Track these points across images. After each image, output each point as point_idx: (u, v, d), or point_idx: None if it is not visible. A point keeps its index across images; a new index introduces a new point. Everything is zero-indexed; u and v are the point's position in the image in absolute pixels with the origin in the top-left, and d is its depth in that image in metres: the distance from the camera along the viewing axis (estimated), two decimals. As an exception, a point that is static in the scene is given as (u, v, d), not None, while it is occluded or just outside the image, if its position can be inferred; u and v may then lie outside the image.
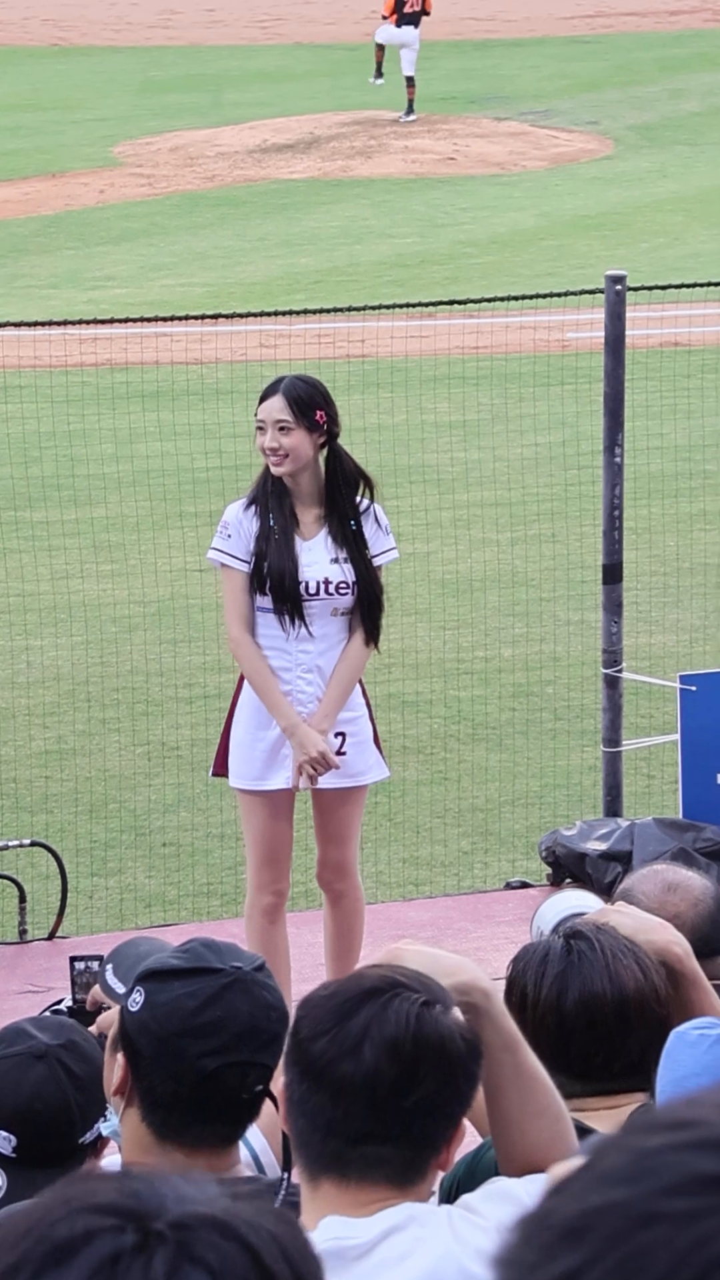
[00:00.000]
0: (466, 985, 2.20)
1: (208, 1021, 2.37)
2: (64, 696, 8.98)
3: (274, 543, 5.61)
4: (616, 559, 7.22)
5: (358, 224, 20.87)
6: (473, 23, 34.00)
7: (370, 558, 5.68)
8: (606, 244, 19.17)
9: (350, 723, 5.74)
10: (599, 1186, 0.83)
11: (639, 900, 3.10)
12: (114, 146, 25.33)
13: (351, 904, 5.89)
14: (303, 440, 5.61)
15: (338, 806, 5.78)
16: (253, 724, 5.74)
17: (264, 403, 5.66)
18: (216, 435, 10.80)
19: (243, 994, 2.39)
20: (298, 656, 5.67)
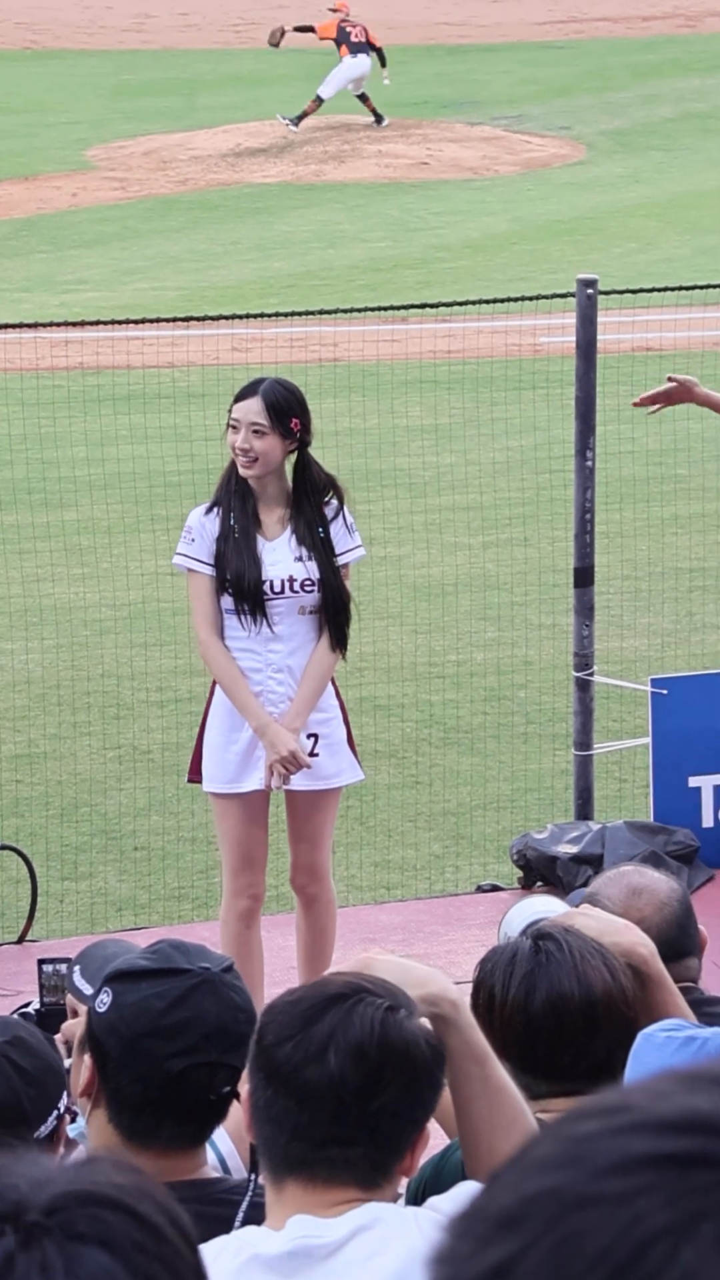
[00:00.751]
0: (435, 996, 2.21)
1: (175, 1022, 2.37)
2: (35, 700, 8.96)
3: (233, 543, 5.61)
4: (588, 562, 7.23)
5: (331, 228, 20.88)
6: (446, 28, 34.06)
7: (335, 561, 5.67)
8: (579, 249, 19.21)
9: (323, 724, 5.73)
10: (532, 1174, 0.83)
11: (604, 905, 3.11)
12: (87, 150, 25.30)
13: (324, 907, 5.89)
14: (275, 445, 5.61)
15: (310, 809, 5.78)
16: (225, 727, 5.73)
17: (240, 402, 5.64)
18: (189, 439, 10.79)
19: (211, 995, 2.39)
20: (267, 657, 5.67)
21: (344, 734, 5.79)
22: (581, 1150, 0.83)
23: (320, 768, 5.72)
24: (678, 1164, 0.81)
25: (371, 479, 10.80)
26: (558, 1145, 0.84)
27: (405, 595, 9.98)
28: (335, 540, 5.68)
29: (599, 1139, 0.83)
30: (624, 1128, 0.83)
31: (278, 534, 5.67)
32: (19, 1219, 1.05)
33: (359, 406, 11.85)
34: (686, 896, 3.23)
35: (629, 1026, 2.78)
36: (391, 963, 2.24)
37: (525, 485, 11.36)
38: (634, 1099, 0.84)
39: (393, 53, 28.33)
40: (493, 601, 9.97)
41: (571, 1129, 0.84)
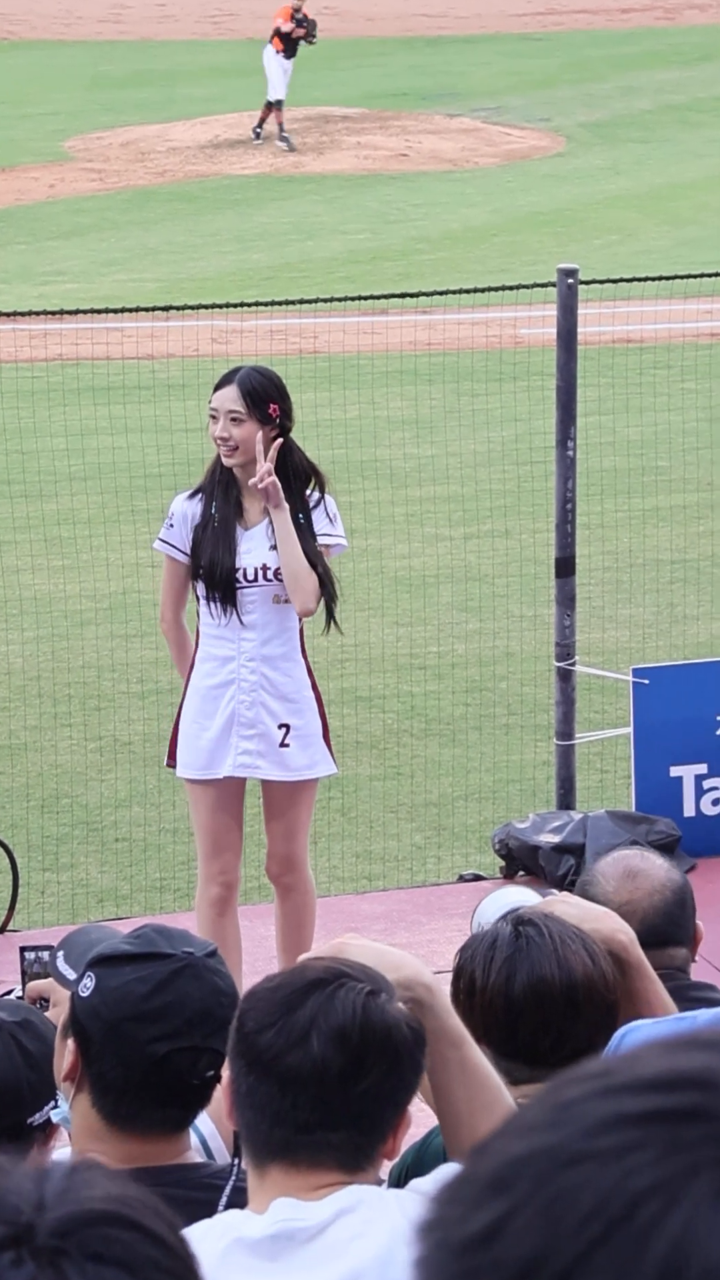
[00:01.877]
0: (410, 980, 2.21)
1: (158, 1006, 2.37)
2: (15, 691, 8.94)
3: (211, 530, 5.63)
4: (569, 552, 7.24)
5: (310, 220, 20.86)
6: (424, 19, 34.03)
7: (315, 544, 5.66)
8: (559, 240, 19.22)
9: (295, 715, 5.73)
10: (520, 1137, 0.83)
11: (599, 882, 3.11)
12: (65, 141, 25.24)
13: (301, 898, 5.89)
14: (253, 432, 5.61)
15: (285, 800, 5.78)
16: (199, 714, 5.74)
17: (218, 391, 5.65)
18: (169, 430, 10.78)
19: (194, 979, 2.39)
20: (240, 645, 5.68)
21: (319, 726, 5.78)
22: (569, 1113, 0.83)
23: (293, 759, 5.72)
24: (667, 1119, 0.81)
25: (352, 470, 10.80)
26: (544, 1110, 0.83)
27: (386, 587, 9.98)
28: (315, 525, 5.68)
29: (586, 1101, 0.83)
30: (611, 1089, 0.83)
31: (257, 522, 5.68)
32: (32, 1243, 1.04)
33: (339, 398, 11.84)
34: (685, 888, 3.21)
35: (610, 1011, 2.78)
36: (366, 947, 2.24)
37: (506, 477, 11.37)
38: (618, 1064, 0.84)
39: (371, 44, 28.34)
40: (474, 593, 9.98)
41: (557, 1094, 0.84)
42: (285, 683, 5.71)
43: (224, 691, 5.69)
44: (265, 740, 5.70)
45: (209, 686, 5.72)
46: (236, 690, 5.67)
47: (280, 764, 5.72)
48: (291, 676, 5.72)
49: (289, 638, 5.72)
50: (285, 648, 5.71)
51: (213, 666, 5.71)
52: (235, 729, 5.69)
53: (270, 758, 5.71)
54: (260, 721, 5.69)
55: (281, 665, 5.70)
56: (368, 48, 27.98)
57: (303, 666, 5.76)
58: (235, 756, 5.69)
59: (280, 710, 5.70)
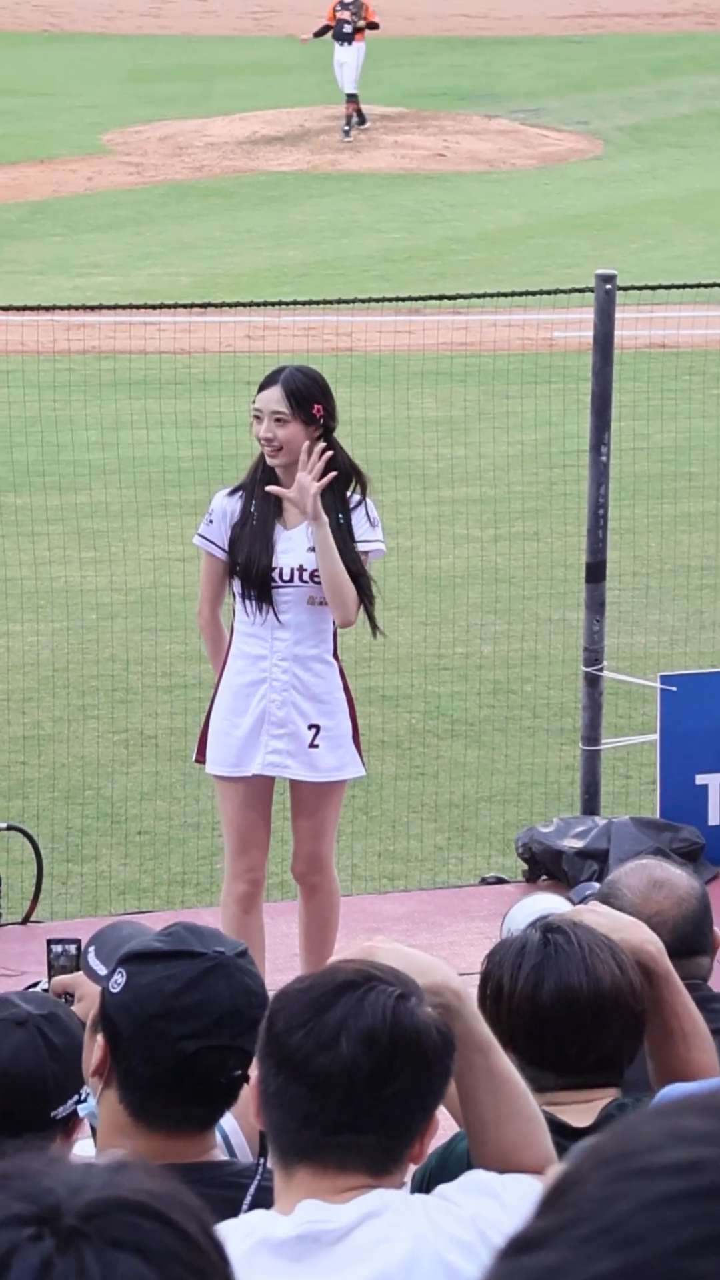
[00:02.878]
0: (439, 985, 2.22)
1: (188, 1004, 2.38)
2: (42, 682, 8.96)
3: (249, 529, 5.63)
4: (600, 558, 7.23)
5: (346, 218, 20.86)
6: (464, 19, 34.00)
7: (355, 547, 5.67)
8: (595, 244, 19.19)
9: (326, 716, 5.73)
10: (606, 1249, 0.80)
11: (624, 894, 3.11)
12: (103, 134, 25.28)
13: (326, 897, 5.90)
14: (298, 433, 5.61)
15: (313, 801, 5.79)
16: (230, 710, 5.74)
17: (262, 392, 5.65)
18: (201, 425, 10.79)
19: (224, 978, 2.40)
20: (274, 644, 5.68)
21: (349, 728, 5.79)
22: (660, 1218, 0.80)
23: (322, 760, 5.73)
24: None
25: (383, 470, 10.79)
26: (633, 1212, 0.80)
27: (414, 586, 9.98)
28: (356, 528, 5.68)
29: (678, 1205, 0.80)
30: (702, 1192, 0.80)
31: (297, 523, 5.68)
32: (56, 1223, 1.05)
33: (371, 397, 11.84)
34: (705, 895, 3.22)
35: (637, 1020, 2.78)
36: (395, 951, 2.24)
37: (536, 480, 11.35)
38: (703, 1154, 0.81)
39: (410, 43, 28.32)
40: (501, 595, 9.97)
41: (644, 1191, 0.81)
42: (317, 683, 5.71)
43: (256, 690, 5.70)
44: (295, 740, 5.70)
45: (241, 684, 5.73)
46: (268, 689, 5.68)
47: (309, 764, 5.72)
48: (323, 678, 5.72)
49: (322, 639, 5.73)
50: (318, 649, 5.71)
51: (245, 664, 5.72)
52: (266, 727, 5.70)
53: (299, 758, 5.71)
54: (290, 721, 5.70)
55: (314, 666, 5.71)
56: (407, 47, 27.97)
57: (335, 668, 5.76)
58: (264, 755, 5.70)
59: (311, 710, 5.70)
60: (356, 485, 5.73)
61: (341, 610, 5.62)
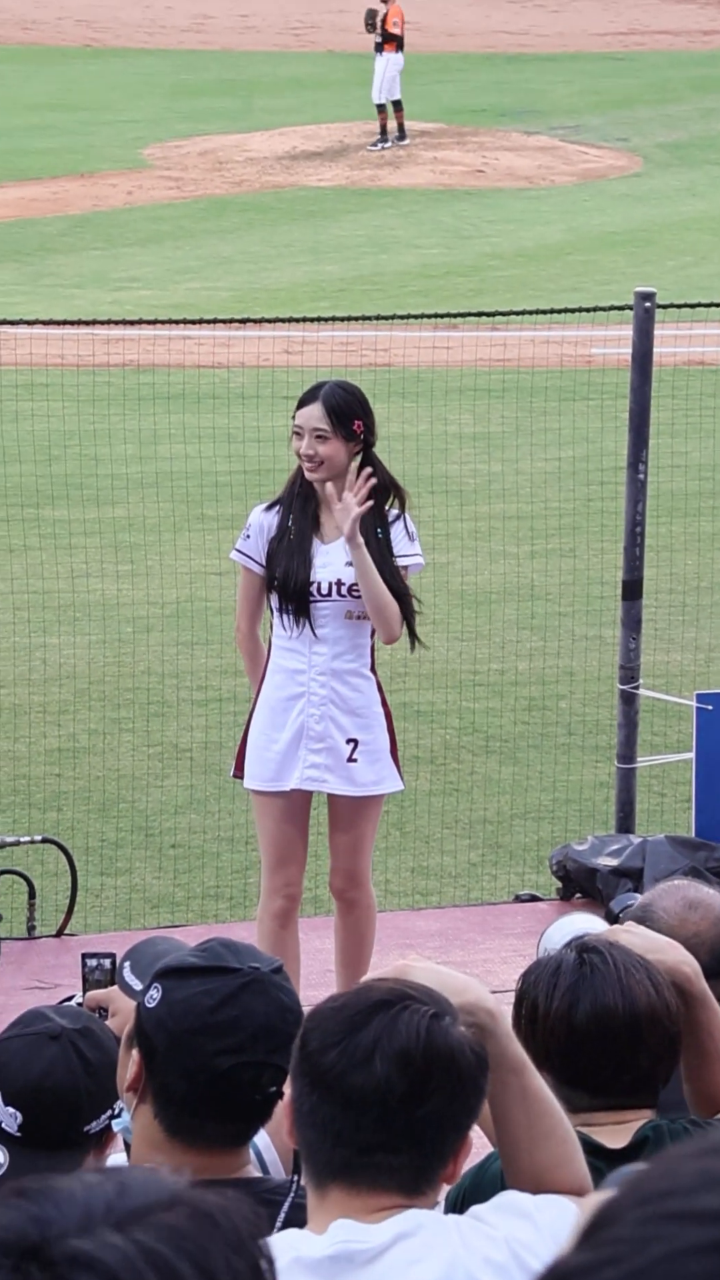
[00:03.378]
0: (472, 1005, 2.21)
1: (223, 1020, 2.38)
2: (77, 695, 8.99)
3: (287, 543, 5.64)
4: (637, 575, 7.21)
5: (384, 233, 20.89)
6: (506, 36, 34.03)
7: (394, 562, 5.68)
8: (633, 261, 19.17)
9: (364, 730, 5.73)
10: None
11: (659, 916, 3.10)
12: (143, 149, 25.39)
13: (363, 913, 5.89)
14: (338, 449, 5.62)
15: (350, 816, 5.78)
16: (268, 725, 5.75)
17: (302, 409, 5.65)
18: (239, 439, 10.81)
19: (259, 994, 2.40)
20: (311, 659, 5.68)
21: (387, 743, 5.78)
22: None
23: (360, 774, 5.72)
24: None
25: (419, 485, 10.79)
26: None
27: (449, 602, 9.98)
28: (395, 543, 5.69)
29: None
30: None
31: (335, 537, 5.68)
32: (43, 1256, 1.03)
33: (409, 412, 11.85)
34: None
35: (672, 1042, 2.77)
36: (429, 969, 2.23)
37: (573, 496, 11.34)
38: None
39: (452, 60, 28.36)
40: (537, 611, 9.96)
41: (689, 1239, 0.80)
42: (355, 698, 5.71)
43: (294, 704, 5.70)
44: (333, 754, 5.70)
45: (279, 698, 5.73)
46: (306, 703, 5.68)
47: (347, 779, 5.72)
48: (361, 692, 5.72)
49: (360, 653, 5.73)
50: (356, 663, 5.72)
51: (283, 679, 5.73)
52: (304, 742, 5.70)
53: (338, 772, 5.71)
54: (329, 735, 5.70)
55: (351, 680, 5.71)
56: (448, 63, 28.03)
57: (373, 682, 5.76)
58: (303, 770, 5.70)
59: (348, 725, 5.70)
60: (395, 500, 5.73)
61: (385, 628, 5.63)
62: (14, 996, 6.05)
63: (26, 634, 9.45)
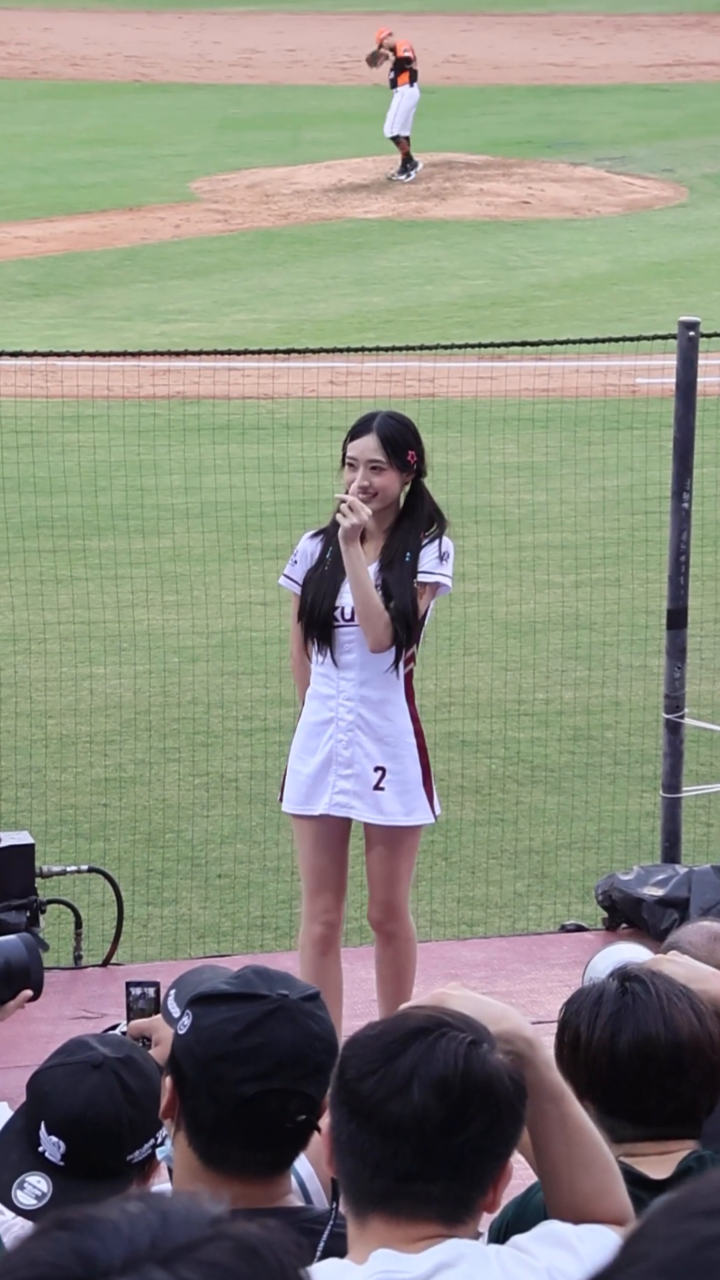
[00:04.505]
0: (510, 1033, 2.21)
1: (248, 1047, 2.37)
2: (124, 725, 9.02)
3: (321, 571, 5.66)
4: (681, 604, 7.20)
5: (430, 265, 20.95)
6: (552, 68, 34.12)
7: (413, 584, 5.63)
8: (678, 291, 19.16)
9: (393, 759, 5.71)
10: None
11: (686, 950, 3.09)
12: (191, 182, 25.55)
13: (402, 944, 5.87)
14: (393, 480, 5.64)
15: (382, 845, 5.76)
16: (302, 749, 5.77)
17: (356, 440, 5.64)
18: (284, 470, 10.85)
19: (287, 1022, 2.39)
20: (340, 684, 5.70)
21: (418, 773, 5.74)
22: None
23: (387, 804, 5.71)
24: None
25: (465, 515, 10.81)
26: None
27: (495, 632, 9.97)
28: (423, 559, 5.68)
29: None
30: None
31: (369, 562, 5.70)
32: None
33: (454, 442, 11.87)
34: None
35: (715, 1072, 2.76)
36: (467, 998, 2.23)
37: (618, 525, 11.33)
38: None
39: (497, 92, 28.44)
40: (582, 641, 9.94)
41: None
42: (383, 725, 5.70)
43: (325, 729, 5.72)
44: (360, 781, 5.70)
45: (313, 723, 5.75)
46: (335, 729, 5.69)
47: (375, 807, 5.72)
48: (391, 720, 5.71)
49: (389, 681, 5.71)
50: (385, 691, 5.70)
51: (317, 704, 5.75)
52: (334, 767, 5.71)
53: (365, 799, 5.71)
54: (357, 761, 5.70)
55: (380, 708, 5.70)
56: (494, 96, 28.11)
57: (405, 711, 5.74)
58: (331, 795, 5.71)
59: (376, 752, 5.70)
60: (435, 527, 5.74)
61: (372, 635, 5.60)
62: (60, 1026, 6.06)
63: (74, 664, 9.49)
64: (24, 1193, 2.71)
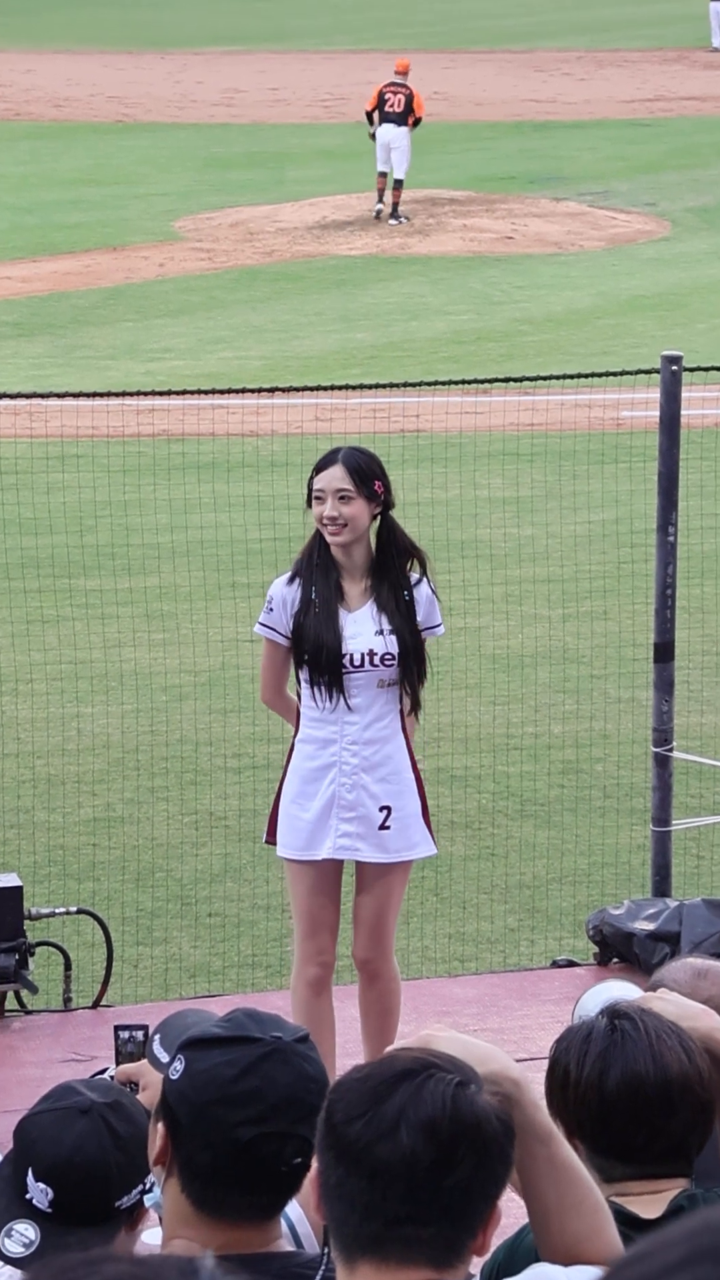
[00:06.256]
0: (497, 1074, 2.19)
1: (245, 1090, 2.36)
2: (113, 764, 9.00)
3: (314, 616, 5.66)
4: (668, 637, 7.20)
5: (414, 300, 21.02)
6: (533, 104, 34.32)
7: (419, 630, 5.70)
8: (662, 324, 19.24)
9: (396, 796, 5.72)
10: None
11: (671, 987, 3.09)
12: (175, 221, 25.63)
13: (386, 984, 5.84)
14: (362, 510, 5.66)
15: (377, 881, 5.76)
16: (299, 795, 5.75)
17: (322, 472, 5.69)
18: (270, 507, 10.86)
19: (282, 1064, 2.38)
20: (343, 729, 5.69)
21: (418, 807, 5.78)
22: None
23: (391, 841, 5.71)
24: None
25: (452, 550, 10.83)
26: None
27: (483, 666, 9.98)
28: (420, 606, 5.71)
29: None
30: None
31: (360, 605, 5.70)
32: None
33: (440, 477, 11.89)
34: None
35: (705, 1109, 2.74)
36: (453, 1039, 2.22)
37: (605, 559, 11.34)
38: None
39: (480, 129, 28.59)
40: (571, 674, 9.95)
41: None
42: (386, 764, 5.72)
43: (325, 774, 5.71)
44: (365, 823, 5.70)
45: (310, 769, 5.74)
46: (338, 773, 5.69)
47: (380, 846, 5.72)
48: (392, 758, 5.73)
49: (392, 720, 5.74)
50: (388, 730, 5.73)
51: (314, 749, 5.73)
52: (336, 811, 5.70)
53: (370, 840, 5.71)
54: (361, 804, 5.70)
55: (384, 748, 5.72)
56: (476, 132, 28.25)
57: (404, 748, 5.77)
58: (335, 839, 5.70)
59: (380, 792, 5.70)
60: (415, 563, 5.76)
61: None
62: (50, 1069, 6.03)
63: (61, 704, 9.48)
64: (11, 1240, 2.69)
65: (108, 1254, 1.16)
